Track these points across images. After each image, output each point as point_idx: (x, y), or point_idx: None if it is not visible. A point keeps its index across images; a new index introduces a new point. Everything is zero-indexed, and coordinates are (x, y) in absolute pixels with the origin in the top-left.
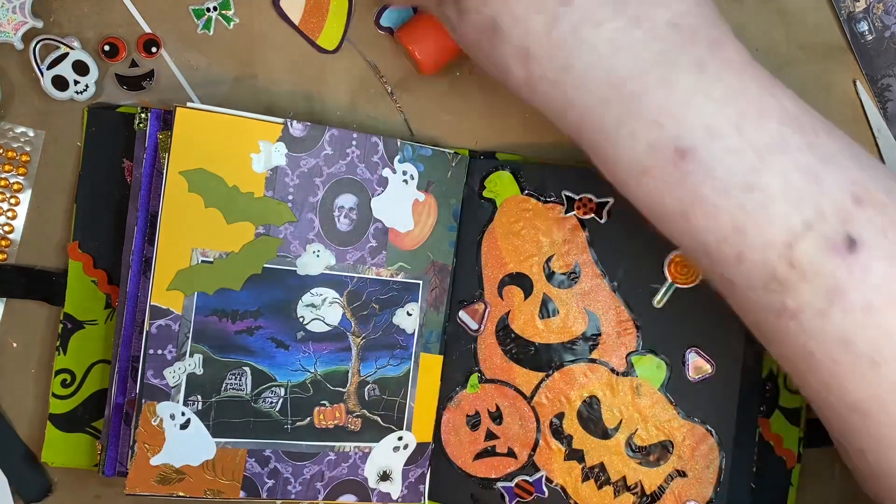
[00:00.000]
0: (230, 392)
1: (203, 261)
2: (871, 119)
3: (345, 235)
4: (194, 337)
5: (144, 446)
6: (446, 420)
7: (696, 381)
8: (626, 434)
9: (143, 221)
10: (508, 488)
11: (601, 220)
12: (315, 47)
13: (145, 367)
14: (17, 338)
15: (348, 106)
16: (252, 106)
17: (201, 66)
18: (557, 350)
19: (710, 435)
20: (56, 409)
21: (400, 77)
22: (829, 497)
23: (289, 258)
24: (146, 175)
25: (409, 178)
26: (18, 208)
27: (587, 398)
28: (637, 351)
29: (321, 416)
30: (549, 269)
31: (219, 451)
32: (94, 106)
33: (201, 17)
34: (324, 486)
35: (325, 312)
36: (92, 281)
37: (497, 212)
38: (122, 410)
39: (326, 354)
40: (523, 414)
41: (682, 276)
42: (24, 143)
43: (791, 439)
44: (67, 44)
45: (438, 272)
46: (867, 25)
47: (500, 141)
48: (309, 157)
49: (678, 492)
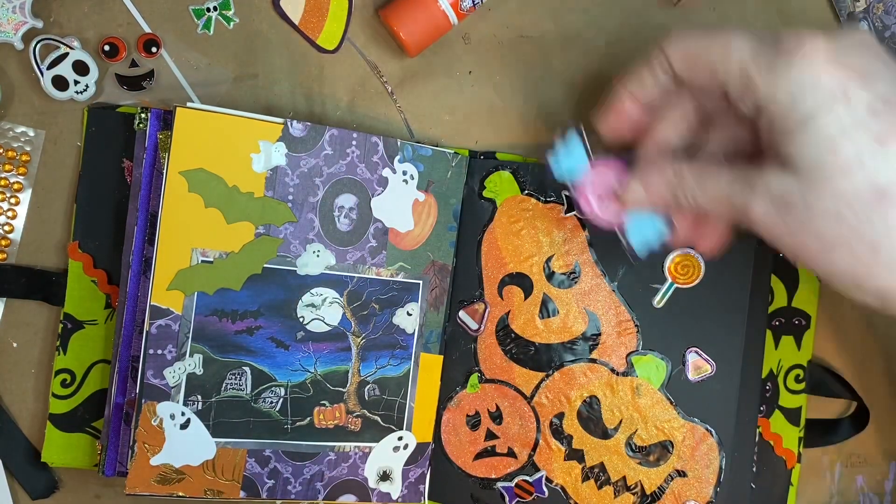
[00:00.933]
0: (230, 392)
1: (203, 261)
2: None
3: (345, 235)
4: (194, 337)
5: (144, 446)
6: (446, 420)
7: (696, 381)
8: (626, 434)
9: (143, 221)
10: (508, 488)
11: None
12: (315, 47)
13: (145, 367)
14: (17, 338)
15: (348, 106)
16: (252, 106)
17: (201, 66)
18: (557, 350)
19: (710, 435)
20: (56, 409)
21: (400, 77)
22: (828, 497)
23: (289, 258)
24: (146, 175)
25: (409, 178)
26: (18, 208)
27: (587, 398)
28: (637, 351)
29: (321, 416)
30: (549, 269)
31: (219, 451)
32: (94, 106)
33: (201, 17)
34: (324, 486)
35: (325, 312)
36: (92, 281)
37: (497, 212)
38: (122, 410)
39: (326, 354)
40: (523, 414)
41: (682, 276)
42: (24, 143)
43: (791, 439)
44: (67, 44)
45: (438, 272)
46: (867, 25)
47: (500, 141)
48: (309, 157)
49: (678, 492)
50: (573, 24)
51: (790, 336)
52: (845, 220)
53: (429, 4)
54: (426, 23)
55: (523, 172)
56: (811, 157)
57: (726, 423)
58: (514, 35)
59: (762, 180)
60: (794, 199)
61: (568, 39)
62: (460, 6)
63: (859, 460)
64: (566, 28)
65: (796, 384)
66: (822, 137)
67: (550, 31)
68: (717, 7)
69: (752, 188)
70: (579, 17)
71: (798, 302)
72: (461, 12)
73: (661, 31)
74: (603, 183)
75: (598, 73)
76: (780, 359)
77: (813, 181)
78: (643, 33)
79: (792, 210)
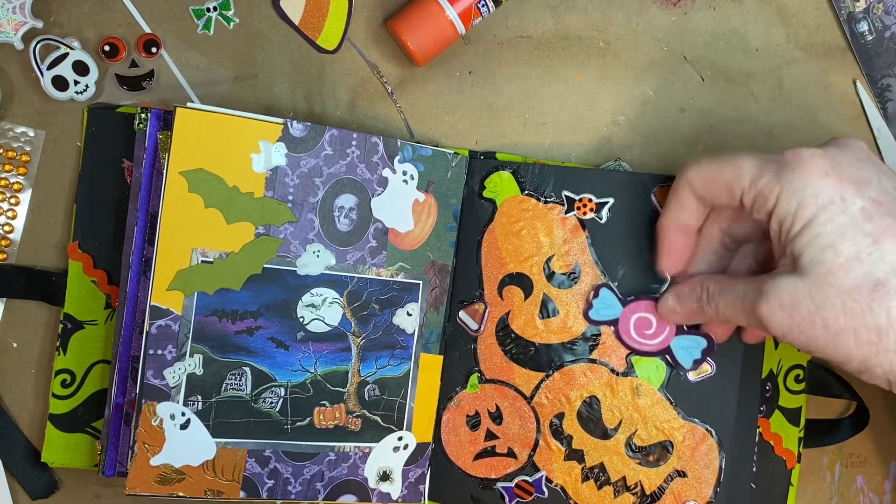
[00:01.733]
0: (230, 392)
1: (203, 261)
2: (871, 119)
3: (345, 235)
4: (194, 337)
5: (144, 446)
6: (446, 420)
7: (696, 382)
8: (625, 434)
9: (143, 221)
10: (508, 488)
11: (601, 220)
12: (315, 47)
13: (145, 367)
14: (17, 338)
15: (348, 106)
16: (252, 106)
17: (201, 66)
18: (557, 350)
19: (710, 435)
20: (56, 410)
21: (400, 77)
22: (828, 497)
23: (289, 258)
24: (146, 175)
25: (409, 178)
26: (18, 208)
27: (587, 398)
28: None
29: (321, 417)
30: (549, 269)
31: (219, 452)
32: (94, 106)
33: (201, 17)
34: (324, 487)
35: (325, 313)
36: (92, 281)
37: (497, 212)
38: (122, 410)
39: (326, 354)
40: (523, 414)
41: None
42: (24, 143)
43: (791, 439)
44: (67, 44)
45: (438, 272)
46: (867, 25)
47: (500, 141)
48: (309, 158)
49: (678, 492)
50: (573, 24)
51: None
52: (850, 310)
53: (437, 15)
54: (434, 33)
55: (523, 172)
56: (815, 256)
57: (726, 424)
58: (514, 35)
59: (771, 284)
60: (802, 297)
61: (568, 39)
62: (472, 21)
63: (859, 460)
64: (566, 28)
65: (796, 384)
66: (823, 238)
67: (550, 31)
68: (717, 7)
69: (762, 292)
70: (579, 17)
71: None
72: (468, 22)
73: (660, 29)
74: (640, 318)
75: (599, 74)
76: (780, 359)
77: (817, 277)
78: (643, 33)
79: (799, 306)
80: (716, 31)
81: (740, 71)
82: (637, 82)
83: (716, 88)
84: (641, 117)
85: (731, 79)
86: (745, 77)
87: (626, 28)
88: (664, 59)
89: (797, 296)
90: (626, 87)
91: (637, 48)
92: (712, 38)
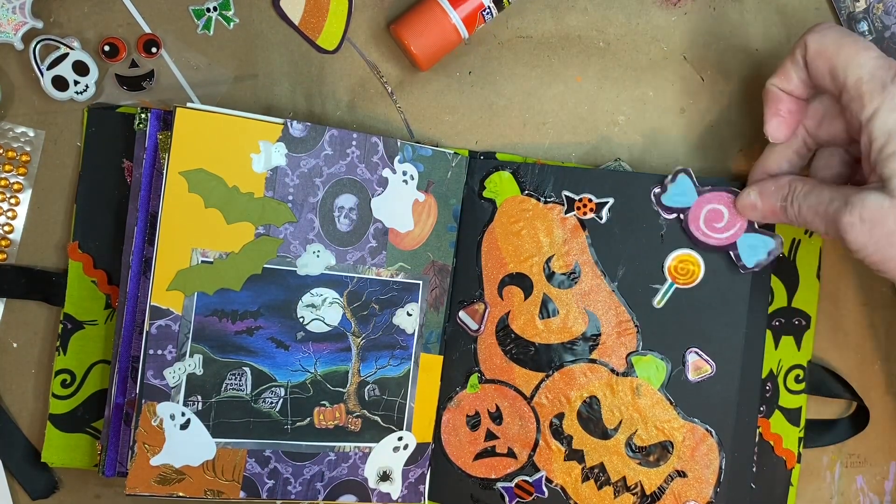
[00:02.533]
0: (230, 392)
1: (203, 261)
2: None
3: (345, 235)
4: (194, 337)
5: (144, 446)
6: (446, 420)
7: (695, 382)
8: (625, 434)
9: (143, 221)
10: (508, 488)
11: (601, 220)
12: (315, 47)
13: (145, 367)
14: (17, 338)
15: (348, 106)
16: (252, 106)
17: (201, 66)
18: (557, 350)
19: (710, 435)
20: (56, 410)
21: (400, 77)
22: (828, 497)
23: (289, 258)
24: (146, 175)
25: (409, 179)
26: (18, 208)
27: (587, 398)
28: (637, 351)
29: (321, 417)
30: (549, 269)
31: (219, 452)
32: (94, 106)
33: (201, 17)
34: (324, 487)
35: (325, 313)
36: (92, 281)
37: (497, 212)
38: (122, 411)
39: (326, 355)
40: (523, 414)
41: (682, 277)
42: (24, 143)
43: (791, 439)
44: (67, 44)
45: (438, 272)
46: (867, 25)
47: (500, 141)
48: (309, 158)
49: (678, 492)
50: (573, 24)
51: (790, 336)
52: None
53: (440, 20)
54: (438, 38)
55: (523, 172)
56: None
57: (726, 424)
58: (514, 35)
59: (858, 197)
60: (886, 215)
61: (568, 40)
62: (475, 27)
63: (859, 460)
64: (566, 28)
65: (796, 384)
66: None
67: (550, 32)
68: (717, 7)
69: (848, 202)
70: (579, 18)
71: (798, 302)
72: (472, 28)
73: (660, 29)
74: (712, 209)
75: (599, 74)
76: (780, 359)
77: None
78: (643, 33)
79: (881, 224)
80: (716, 31)
81: (740, 71)
82: (637, 82)
83: (716, 88)
84: (641, 117)
85: (730, 79)
86: (745, 77)
87: (626, 28)
88: (664, 59)
89: (881, 213)
90: (626, 87)
91: (637, 48)
92: (712, 38)
